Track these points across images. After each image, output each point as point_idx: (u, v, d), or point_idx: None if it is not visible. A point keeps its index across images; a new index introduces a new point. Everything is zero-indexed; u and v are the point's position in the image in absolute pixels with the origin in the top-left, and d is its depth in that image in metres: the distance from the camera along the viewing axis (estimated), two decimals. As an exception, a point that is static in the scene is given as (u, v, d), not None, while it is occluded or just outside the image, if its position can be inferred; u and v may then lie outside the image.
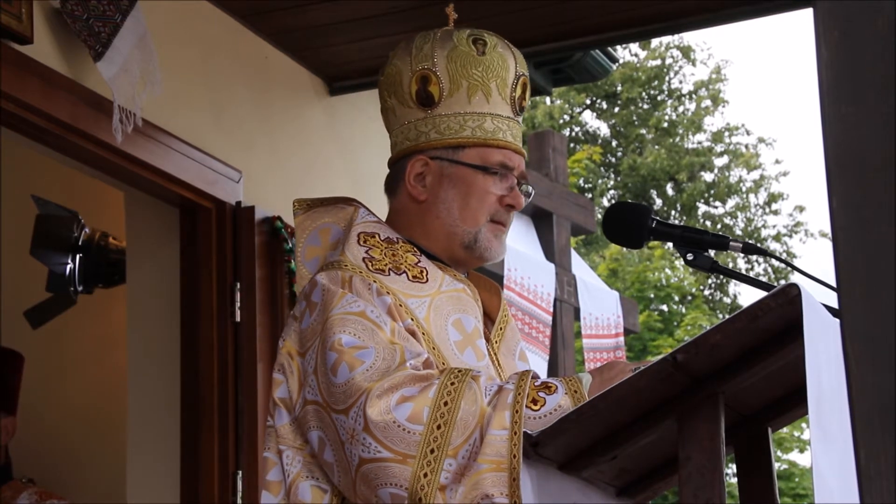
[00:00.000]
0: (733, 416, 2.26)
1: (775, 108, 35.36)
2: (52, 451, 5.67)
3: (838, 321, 1.40)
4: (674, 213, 22.36)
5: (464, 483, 2.17)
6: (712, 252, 2.48)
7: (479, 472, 2.16)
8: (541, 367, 6.53)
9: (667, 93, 22.76)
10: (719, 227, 22.07)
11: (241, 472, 4.45)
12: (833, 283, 1.43)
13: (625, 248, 15.99)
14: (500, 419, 2.18)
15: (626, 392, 2.10)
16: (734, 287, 21.91)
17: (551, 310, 6.76)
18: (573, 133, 22.75)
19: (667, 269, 18.49)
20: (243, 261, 4.59)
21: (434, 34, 2.58)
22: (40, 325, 5.56)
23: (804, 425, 17.13)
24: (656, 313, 17.52)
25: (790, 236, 22.67)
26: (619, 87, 22.26)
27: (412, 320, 2.39)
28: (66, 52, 3.96)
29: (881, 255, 1.36)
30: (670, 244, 2.56)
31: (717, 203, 22.59)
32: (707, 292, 21.76)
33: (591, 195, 20.72)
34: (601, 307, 7.25)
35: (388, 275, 2.43)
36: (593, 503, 2.29)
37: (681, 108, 22.82)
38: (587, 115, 23.18)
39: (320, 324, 2.34)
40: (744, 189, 22.55)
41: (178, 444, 4.52)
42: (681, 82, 22.94)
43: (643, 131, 22.45)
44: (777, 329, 2.04)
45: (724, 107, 23.18)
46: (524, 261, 6.67)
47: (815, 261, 27.36)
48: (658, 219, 2.48)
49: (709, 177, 22.50)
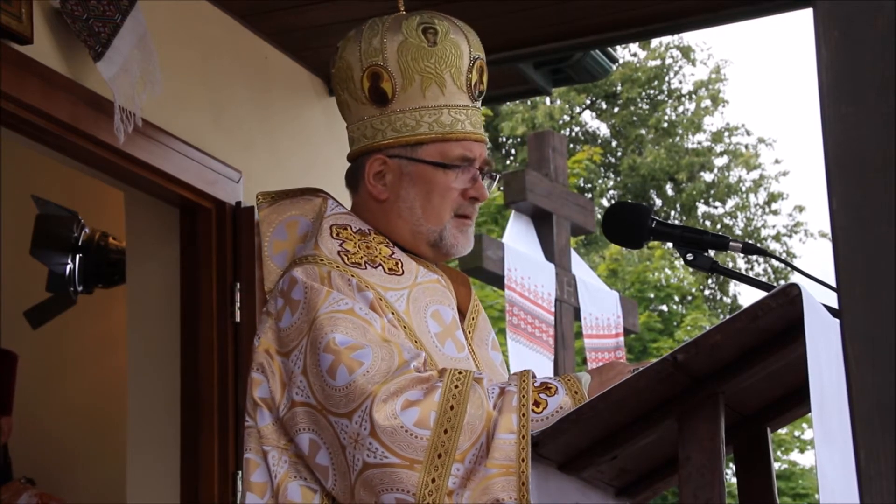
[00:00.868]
0: (733, 416, 2.26)
1: (775, 108, 35.36)
2: (52, 451, 5.67)
3: (838, 321, 1.40)
4: (673, 213, 22.34)
5: (471, 487, 2.15)
6: (712, 252, 2.48)
7: (489, 476, 2.14)
8: (545, 366, 6.52)
9: (666, 93, 22.75)
10: (719, 227, 22.05)
11: (240, 472, 4.45)
12: (833, 283, 1.43)
13: (625, 249, 15.97)
14: (506, 423, 2.16)
15: (626, 392, 2.10)
16: (734, 287, 21.90)
17: (552, 310, 6.75)
18: (573, 133, 22.74)
19: (667, 270, 18.48)
20: (243, 261, 4.59)
21: (382, 24, 2.50)
22: (40, 325, 5.56)
23: (804, 425, 17.13)
24: (656, 314, 17.51)
25: (790, 236, 22.67)
26: (618, 88, 22.25)
27: (393, 314, 2.35)
28: (66, 52, 3.96)
29: (881, 255, 1.36)
30: (670, 244, 2.55)
31: (717, 203, 22.58)
32: (707, 292, 21.75)
33: (591, 195, 20.70)
34: (601, 307, 7.24)
35: (365, 268, 2.38)
36: (593, 503, 2.29)
37: (680, 109, 22.80)
38: (587, 116, 23.17)
39: (306, 323, 2.29)
40: (743, 189, 22.54)
41: (178, 444, 4.52)
42: (681, 82, 22.94)
43: (643, 131, 22.44)
44: (777, 329, 2.04)
45: (723, 107, 23.16)
46: (524, 261, 6.66)
47: (815, 261, 27.34)
48: (658, 219, 2.48)
49: (708, 177, 22.49)
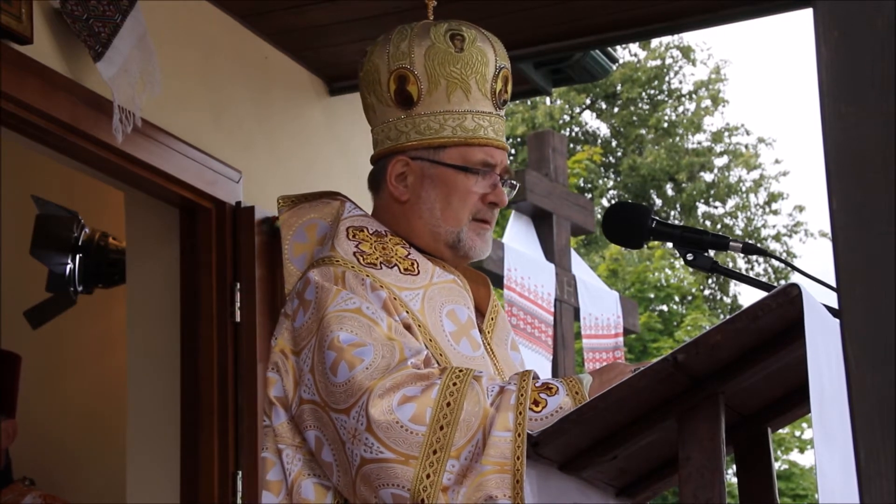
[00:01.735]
0: (733, 416, 2.26)
1: (775, 108, 35.35)
2: (52, 451, 5.67)
3: (838, 321, 1.40)
4: (674, 213, 22.34)
5: (466, 484, 2.16)
6: (712, 252, 2.48)
7: (483, 473, 2.16)
8: (544, 366, 6.52)
9: (667, 93, 22.75)
10: (719, 227, 22.05)
11: (240, 472, 4.45)
12: (833, 283, 1.43)
13: (625, 249, 15.97)
14: (503, 420, 2.17)
15: (626, 392, 2.10)
16: (734, 287, 21.89)
17: (552, 310, 6.75)
18: (573, 133, 22.73)
19: (667, 270, 18.48)
20: (243, 261, 4.60)
21: (411, 30, 2.56)
22: (40, 325, 5.56)
23: (804, 425, 17.13)
24: (656, 314, 17.51)
25: (790, 236, 22.67)
26: (619, 88, 22.25)
27: (407, 313, 2.37)
28: (66, 52, 3.96)
29: (881, 255, 1.36)
30: (670, 244, 2.55)
31: (717, 203, 22.58)
32: (707, 292, 21.75)
33: (591, 195, 20.70)
34: (601, 307, 7.24)
35: (380, 268, 2.41)
36: (593, 503, 2.29)
37: (680, 109, 22.80)
38: (587, 116, 23.17)
39: (315, 322, 2.32)
40: (744, 189, 22.54)
41: (178, 444, 4.52)
42: (681, 82, 22.94)
43: (643, 131, 22.44)
44: (777, 329, 2.04)
45: (723, 107, 23.17)
46: (524, 261, 6.66)
47: (815, 261, 27.34)
48: (658, 219, 2.48)
49: (709, 177, 22.49)
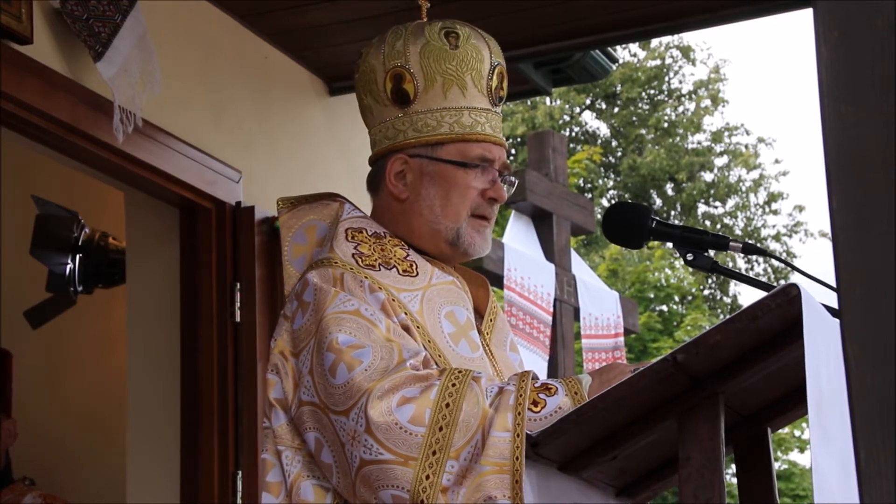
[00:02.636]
0: (733, 416, 2.26)
1: (775, 108, 35.35)
2: (52, 451, 5.67)
3: (838, 321, 1.40)
4: (674, 213, 22.34)
5: (465, 485, 2.16)
6: (712, 252, 2.48)
7: (482, 473, 2.16)
8: (541, 366, 6.52)
9: (666, 93, 22.74)
10: (719, 227, 22.04)
11: (240, 472, 4.45)
12: (833, 283, 1.43)
13: (625, 249, 15.97)
14: (502, 421, 2.17)
15: (625, 392, 2.10)
16: (734, 287, 21.89)
17: (551, 310, 6.75)
18: (573, 133, 22.73)
19: (667, 270, 18.48)
20: (243, 261, 4.60)
21: (406, 29, 2.57)
22: (40, 325, 5.56)
23: (804, 425, 17.12)
24: (656, 314, 17.50)
25: (790, 236, 22.67)
26: (618, 88, 22.25)
27: (406, 314, 2.38)
28: (66, 52, 3.96)
29: (881, 255, 1.36)
30: (670, 244, 2.55)
31: (717, 203, 22.58)
32: (707, 292, 21.75)
33: (591, 195, 20.70)
34: (601, 307, 7.24)
35: (379, 270, 2.42)
36: (593, 503, 2.29)
37: (680, 108, 22.80)
38: (587, 116, 23.17)
39: (314, 324, 2.32)
40: (743, 189, 22.54)
41: (178, 444, 4.52)
42: (680, 82, 22.94)
43: (643, 131, 22.44)
44: (777, 329, 2.04)
45: (723, 107, 23.16)
46: (524, 261, 6.66)
47: (815, 261, 27.34)
48: (658, 219, 2.48)
49: (708, 177, 22.49)
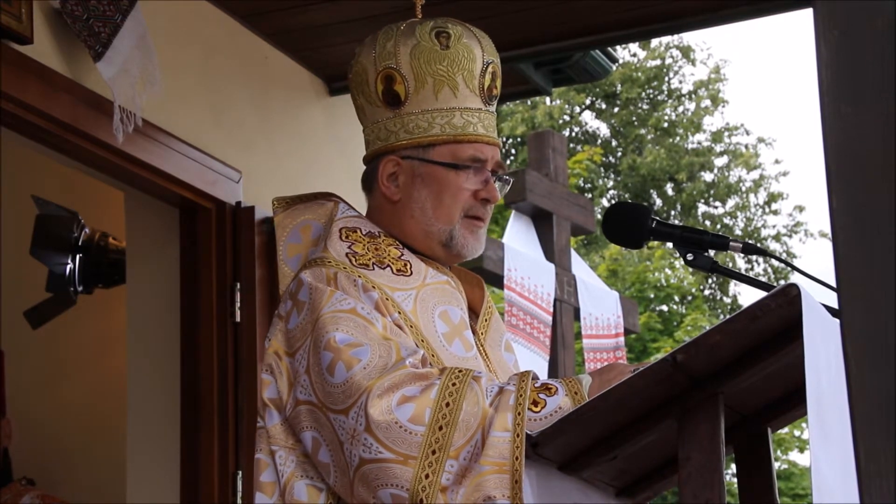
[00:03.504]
0: (733, 416, 2.26)
1: (775, 108, 35.34)
2: (52, 451, 5.67)
3: (838, 321, 1.40)
4: (673, 213, 22.34)
5: (465, 484, 2.16)
6: (712, 252, 2.48)
7: (481, 473, 2.16)
8: (542, 366, 6.52)
9: (666, 93, 22.74)
10: (719, 227, 22.05)
11: (240, 472, 4.45)
12: (833, 283, 1.43)
13: (625, 249, 15.96)
14: (502, 421, 2.17)
15: (625, 392, 2.10)
16: (734, 287, 21.89)
17: (551, 310, 6.75)
18: (573, 133, 22.74)
19: (667, 270, 18.48)
20: (243, 261, 4.59)
21: (397, 29, 2.54)
22: (40, 325, 5.56)
23: (804, 425, 17.12)
24: (656, 314, 17.50)
25: (790, 236, 22.67)
26: (618, 88, 22.25)
27: (399, 314, 2.38)
28: (66, 52, 3.96)
29: (881, 255, 1.36)
30: (670, 244, 2.55)
31: (717, 203, 22.58)
32: (707, 292, 21.75)
33: (591, 195, 20.69)
34: (601, 307, 7.24)
35: (373, 269, 2.42)
36: (593, 503, 2.29)
37: (680, 108, 22.81)
38: (587, 116, 23.17)
39: (310, 323, 2.32)
40: (743, 189, 22.54)
41: (178, 444, 4.52)
42: (680, 82, 22.94)
43: (643, 131, 22.44)
44: (777, 329, 2.04)
45: (723, 107, 23.17)
46: (524, 261, 6.66)
47: (815, 261, 27.33)
48: (658, 219, 2.48)
49: (708, 177, 22.50)
